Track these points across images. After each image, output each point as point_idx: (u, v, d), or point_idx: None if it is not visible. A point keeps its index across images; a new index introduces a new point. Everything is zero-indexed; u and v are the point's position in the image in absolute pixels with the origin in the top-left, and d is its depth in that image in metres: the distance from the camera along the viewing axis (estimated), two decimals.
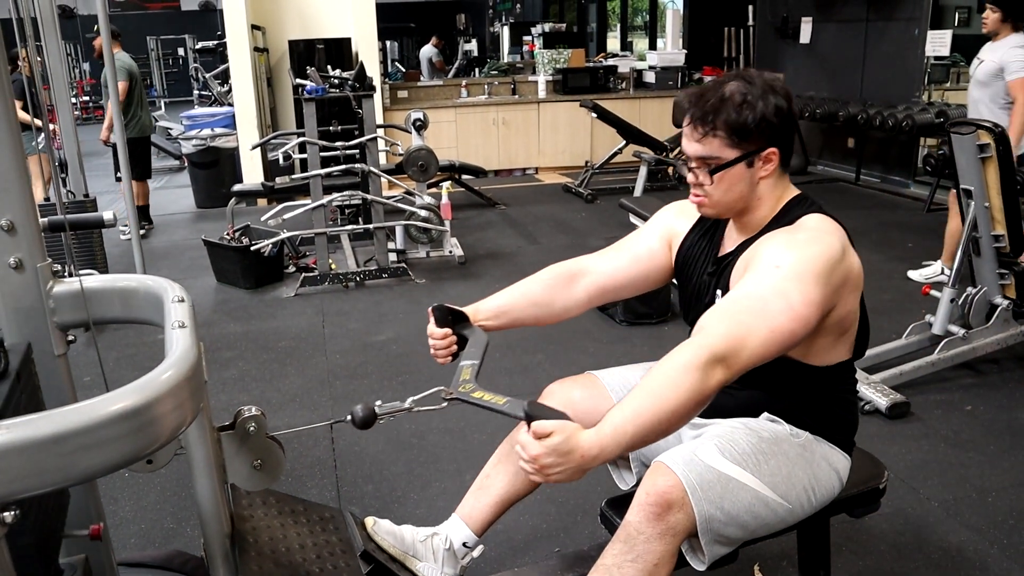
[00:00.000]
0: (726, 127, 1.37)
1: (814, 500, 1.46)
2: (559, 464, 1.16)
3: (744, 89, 1.38)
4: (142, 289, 1.20)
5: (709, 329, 1.26)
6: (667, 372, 1.20)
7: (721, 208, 1.47)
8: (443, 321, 1.57)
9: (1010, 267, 3.07)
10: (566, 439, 1.16)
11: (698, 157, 1.42)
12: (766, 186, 1.44)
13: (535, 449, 1.16)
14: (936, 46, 6.22)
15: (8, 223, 1.07)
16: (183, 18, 17.31)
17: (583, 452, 1.16)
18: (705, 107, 1.39)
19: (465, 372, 1.41)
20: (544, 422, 1.17)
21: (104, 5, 3.73)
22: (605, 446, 1.17)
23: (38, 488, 0.77)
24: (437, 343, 1.58)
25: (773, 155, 1.41)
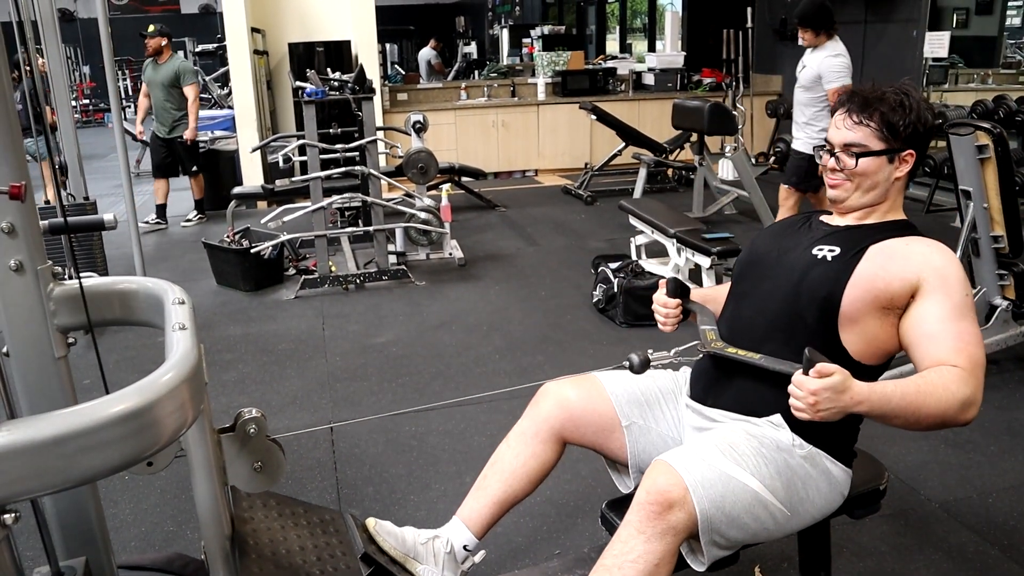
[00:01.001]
0: (881, 120, 1.51)
1: (813, 511, 1.46)
2: (832, 400, 1.27)
3: (902, 97, 1.52)
4: (142, 291, 1.20)
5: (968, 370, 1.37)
6: (940, 388, 1.33)
7: (854, 194, 1.56)
8: (675, 292, 1.69)
9: (1009, 268, 3.07)
10: (844, 379, 1.28)
11: (846, 143, 1.53)
12: (895, 189, 1.57)
13: (815, 385, 1.27)
14: (934, 47, 6.23)
15: (8, 225, 1.07)
16: (183, 21, 17.32)
17: (852, 395, 1.28)
18: (866, 100, 1.52)
19: (710, 334, 1.58)
20: (828, 364, 1.28)
21: (104, 8, 3.74)
22: (872, 401, 1.30)
23: (39, 490, 0.78)
24: (670, 311, 1.69)
25: (910, 157, 1.54)
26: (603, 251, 4.84)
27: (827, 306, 1.47)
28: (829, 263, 1.51)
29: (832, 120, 1.59)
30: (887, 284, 1.44)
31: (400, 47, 13.13)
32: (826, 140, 1.59)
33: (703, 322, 1.63)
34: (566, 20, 14.02)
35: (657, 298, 1.71)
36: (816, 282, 1.49)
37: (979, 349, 1.40)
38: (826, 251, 1.53)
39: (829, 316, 1.47)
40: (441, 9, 16.79)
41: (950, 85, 6.88)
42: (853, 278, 1.46)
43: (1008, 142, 2.96)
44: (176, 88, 6.06)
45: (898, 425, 1.37)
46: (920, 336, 1.43)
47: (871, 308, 1.46)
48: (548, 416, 1.69)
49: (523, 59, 9.96)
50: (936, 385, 1.33)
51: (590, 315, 3.99)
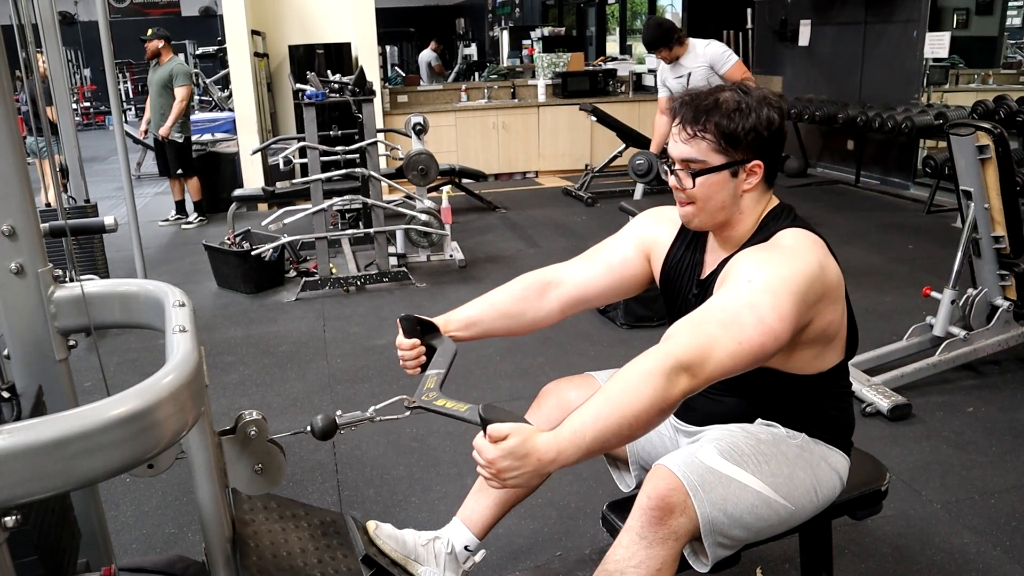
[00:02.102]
0: (716, 131, 1.36)
1: (816, 500, 1.46)
2: (515, 467, 1.15)
3: (739, 97, 1.37)
4: (143, 294, 1.20)
5: (676, 337, 1.24)
6: (630, 378, 1.18)
7: (703, 216, 1.43)
8: (411, 332, 1.56)
9: (1010, 268, 3.07)
10: (522, 442, 1.14)
11: (683, 159, 1.40)
12: (749, 200, 1.42)
13: (491, 453, 1.15)
14: (935, 48, 6.23)
15: (9, 228, 1.07)
16: (183, 23, 17.33)
17: (539, 455, 1.15)
18: (697, 108, 1.37)
19: (430, 381, 1.39)
20: (500, 425, 1.15)
21: (105, 11, 3.74)
22: (563, 450, 1.15)
23: (39, 493, 0.77)
24: (405, 354, 1.57)
25: (758, 168, 1.39)
26: None
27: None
28: None
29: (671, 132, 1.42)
30: None
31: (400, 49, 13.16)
32: (668, 154, 1.43)
33: (435, 365, 1.46)
34: (566, 22, 14.02)
35: (397, 341, 1.58)
36: None
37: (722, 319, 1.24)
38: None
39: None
40: (441, 11, 16.81)
41: (950, 85, 6.88)
42: None
43: (1009, 142, 2.96)
44: (169, 89, 6.13)
45: (616, 443, 1.20)
46: None
47: None
48: (550, 417, 1.69)
49: (523, 61, 9.97)
50: (627, 378, 1.18)
51: (591, 317, 3.99)
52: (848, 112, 6.60)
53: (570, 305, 1.64)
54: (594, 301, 1.68)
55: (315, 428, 1.32)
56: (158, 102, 6.19)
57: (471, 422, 1.21)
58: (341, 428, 1.34)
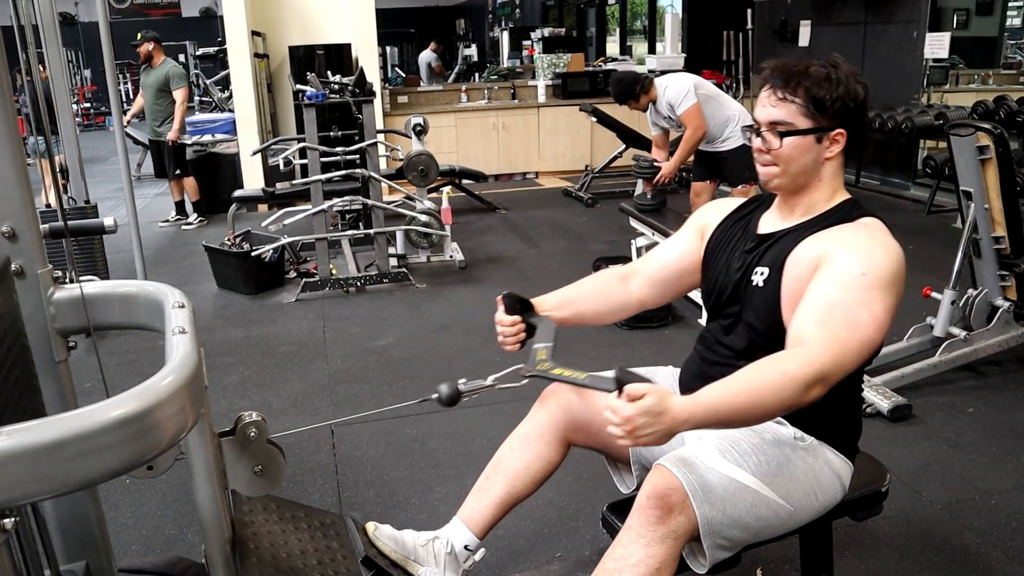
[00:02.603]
0: (806, 96, 1.41)
1: (816, 504, 1.45)
2: (650, 425, 1.18)
3: (829, 69, 1.42)
4: (142, 295, 1.20)
5: (813, 344, 1.28)
6: (773, 374, 1.24)
7: (785, 177, 1.47)
8: (512, 308, 1.59)
9: (1011, 268, 3.07)
10: (659, 400, 1.18)
11: (771, 121, 1.45)
12: (828, 169, 1.47)
13: (628, 410, 1.18)
14: (935, 48, 6.23)
15: (9, 229, 1.07)
16: (184, 24, 17.34)
17: (674, 415, 1.19)
18: (789, 74, 1.43)
19: (541, 353, 1.45)
20: (638, 385, 1.19)
21: (105, 12, 3.74)
22: (695, 414, 1.21)
23: (38, 495, 0.77)
24: (506, 330, 1.60)
25: (841, 136, 1.44)
26: (604, 253, 4.83)
27: (777, 329, 1.43)
28: (763, 288, 1.46)
29: (758, 97, 1.49)
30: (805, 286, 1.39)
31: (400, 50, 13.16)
32: (753, 119, 1.50)
33: (540, 339, 1.51)
34: (566, 22, 14.03)
35: (496, 316, 1.61)
36: (760, 311, 1.46)
37: (845, 323, 1.29)
38: (759, 276, 1.48)
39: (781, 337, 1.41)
40: (441, 12, 16.82)
41: (951, 86, 6.88)
42: (783, 298, 1.42)
43: (1009, 142, 2.95)
44: (165, 91, 6.17)
45: (738, 425, 1.32)
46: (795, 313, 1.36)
47: None
48: (552, 418, 1.69)
49: (523, 61, 9.97)
50: (772, 373, 1.24)
51: None
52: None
53: (647, 292, 1.72)
54: (667, 288, 1.73)
55: (442, 396, 1.40)
56: (154, 104, 6.20)
57: (600, 388, 1.25)
58: (464, 395, 1.41)
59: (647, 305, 1.74)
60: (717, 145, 4.38)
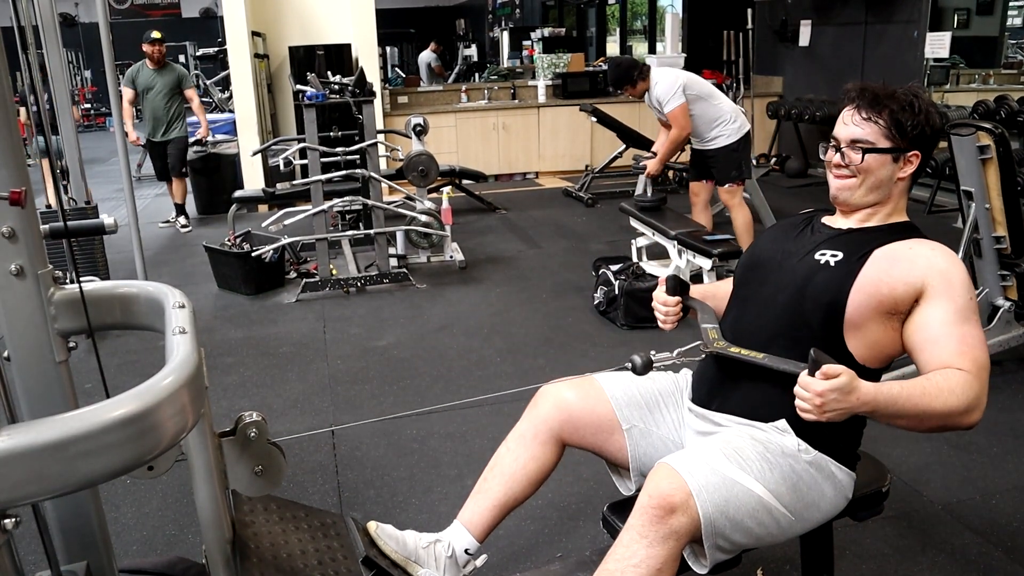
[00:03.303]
0: (890, 118, 1.50)
1: (818, 515, 1.46)
2: (839, 401, 1.27)
3: (912, 98, 1.52)
4: (143, 295, 1.20)
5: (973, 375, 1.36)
6: (954, 389, 1.33)
7: (861, 191, 1.54)
8: (675, 290, 1.68)
9: (1011, 268, 3.07)
10: (851, 380, 1.27)
11: (854, 139, 1.52)
12: (899, 188, 1.55)
13: (821, 386, 1.27)
14: (935, 48, 6.22)
15: (9, 230, 1.07)
16: (184, 25, 17.34)
17: (860, 395, 1.28)
18: (876, 96, 1.52)
19: (711, 332, 1.55)
20: (834, 365, 1.27)
21: (105, 13, 3.74)
22: (878, 401, 1.30)
23: (39, 495, 0.77)
24: (669, 309, 1.68)
25: (915, 158, 1.53)
26: (604, 253, 4.84)
27: (831, 311, 1.46)
28: (832, 268, 1.50)
29: (840, 116, 1.57)
30: (891, 289, 1.44)
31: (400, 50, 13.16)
32: (832, 136, 1.57)
33: (704, 320, 1.61)
34: (566, 22, 14.03)
35: (657, 295, 1.70)
36: (820, 288, 1.49)
37: (983, 352, 1.40)
38: (829, 256, 1.52)
39: (833, 321, 1.46)
40: (441, 12, 16.82)
41: (951, 86, 6.87)
42: (857, 283, 1.46)
43: (1010, 142, 2.95)
44: (177, 93, 6.16)
45: (901, 426, 1.37)
46: (924, 340, 1.42)
47: (875, 313, 1.45)
48: (547, 418, 1.69)
49: (523, 61, 9.98)
50: (941, 388, 1.33)
51: (591, 317, 3.99)
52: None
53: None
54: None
55: (635, 365, 1.51)
56: (165, 105, 6.18)
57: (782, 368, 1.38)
58: (655, 365, 1.53)
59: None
60: (706, 144, 4.43)
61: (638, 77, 4.33)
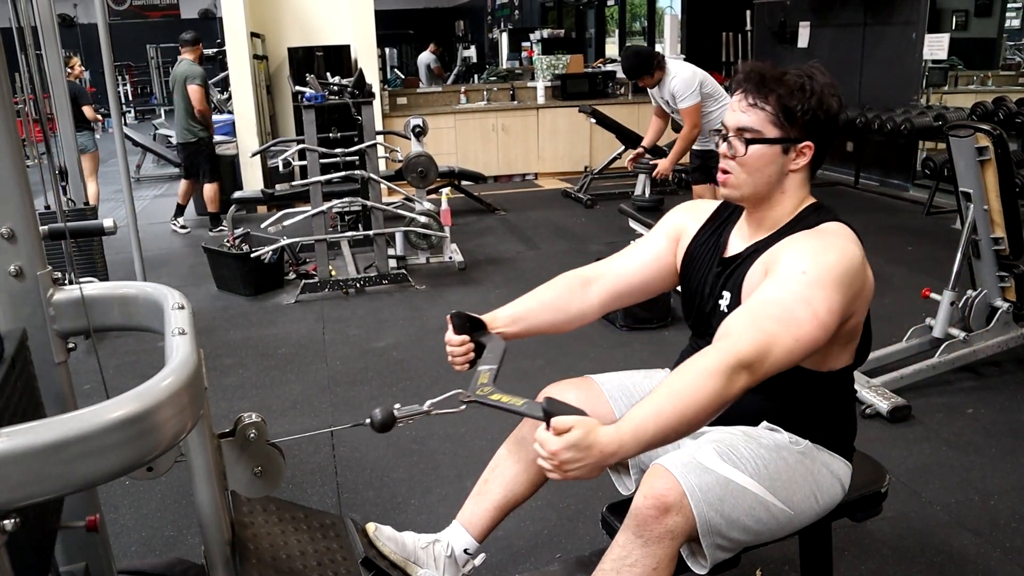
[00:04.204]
0: (777, 104, 1.38)
1: (816, 507, 1.46)
2: (578, 459, 1.16)
3: (803, 79, 1.39)
4: (142, 296, 1.20)
5: (735, 335, 1.25)
6: (692, 375, 1.21)
7: (745, 188, 1.45)
8: (461, 328, 1.56)
9: (1010, 270, 3.07)
10: (586, 434, 1.16)
11: (739, 127, 1.42)
12: (793, 182, 1.44)
13: (555, 444, 1.16)
14: (934, 49, 6.23)
15: (8, 231, 1.07)
16: (183, 26, 17.31)
17: (602, 448, 1.16)
18: (762, 80, 1.39)
19: (483, 376, 1.41)
20: (564, 417, 1.16)
21: (104, 13, 3.74)
22: (624, 443, 1.17)
23: (38, 496, 0.77)
24: (455, 350, 1.57)
25: (808, 149, 1.42)
26: (603, 254, 4.80)
27: None
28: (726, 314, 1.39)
29: (731, 101, 1.46)
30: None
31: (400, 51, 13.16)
32: (722, 123, 1.46)
33: (485, 361, 1.47)
34: (565, 24, 14.03)
35: (446, 337, 1.57)
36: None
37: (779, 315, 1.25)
38: (723, 302, 1.48)
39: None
40: (440, 13, 16.83)
41: (950, 87, 6.88)
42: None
43: (1008, 144, 2.96)
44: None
45: (675, 438, 1.22)
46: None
47: None
48: None
49: (522, 63, 9.98)
50: (689, 374, 1.21)
51: None
52: (847, 113, 6.59)
53: (610, 299, 1.67)
54: (633, 295, 1.70)
55: (375, 421, 1.34)
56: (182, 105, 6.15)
57: (532, 416, 1.22)
58: (399, 421, 1.36)
59: (609, 311, 1.71)
60: (708, 143, 4.42)
61: (656, 67, 4.30)
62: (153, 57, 16.46)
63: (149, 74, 16.69)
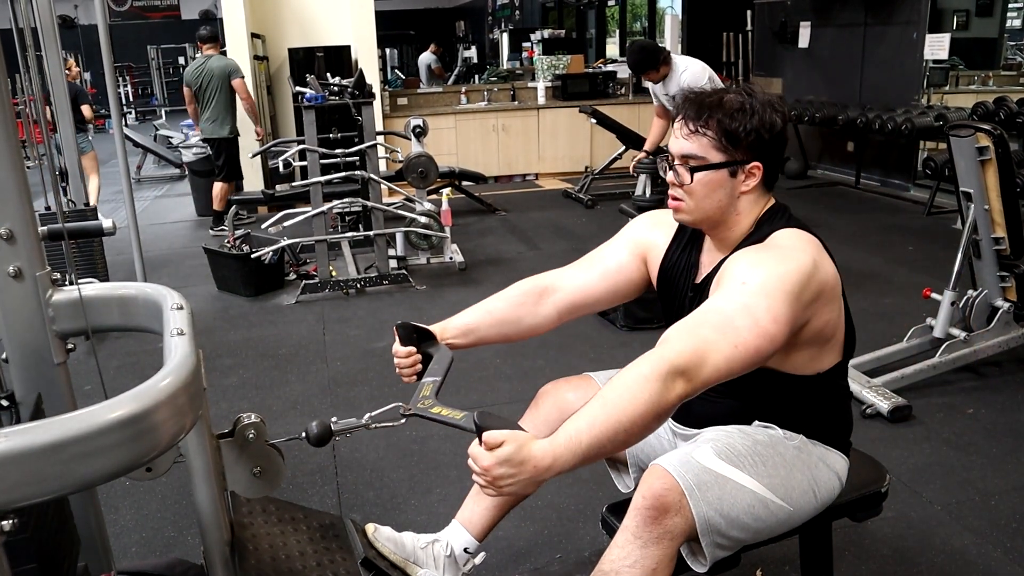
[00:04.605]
0: (718, 128, 1.36)
1: (815, 501, 1.45)
2: (511, 475, 1.13)
3: (743, 98, 1.37)
4: (141, 297, 1.20)
5: (671, 342, 1.24)
6: (625, 383, 1.18)
7: (697, 215, 1.43)
8: (407, 339, 1.55)
9: (1011, 269, 3.07)
10: (518, 449, 1.13)
11: (683, 155, 1.39)
12: (746, 202, 1.42)
13: (486, 460, 1.13)
14: (935, 49, 6.23)
15: (7, 231, 1.07)
16: (183, 27, 17.34)
17: (535, 463, 1.13)
18: (701, 105, 1.37)
19: (426, 388, 1.39)
20: (495, 432, 1.14)
21: (104, 14, 3.75)
22: (559, 456, 1.14)
23: (37, 496, 0.77)
24: (401, 361, 1.55)
25: (756, 170, 1.39)
26: None
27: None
28: None
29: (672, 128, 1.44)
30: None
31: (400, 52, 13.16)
32: (667, 150, 1.44)
33: (430, 373, 1.45)
34: (566, 24, 14.03)
35: (393, 348, 1.56)
36: None
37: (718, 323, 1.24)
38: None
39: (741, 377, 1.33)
40: (441, 14, 16.84)
41: (950, 87, 6.88)
42: None
43: (1008, 143, 2.95)
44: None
45: (613, 449, 1.19)
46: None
47: None
48: (547, 418, 1.69)
49: (523, 63, 9.98)
50: (624, 382, 1.18)
51: (590, 319, 3.98)
52: (848, 114, 6.60)
53: (567, 311, 1.64)
54: (592, 306, 1.67)
55: (310, 435, 1.31)
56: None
57: (466, 429, 1.20)
58: (336, 435, 1.33)
59: (565, 322, 1.67)
60: None
61: (662, 62, 4.25)
62: (154, 58, 16.48)
63: (150, 75, 16.71)
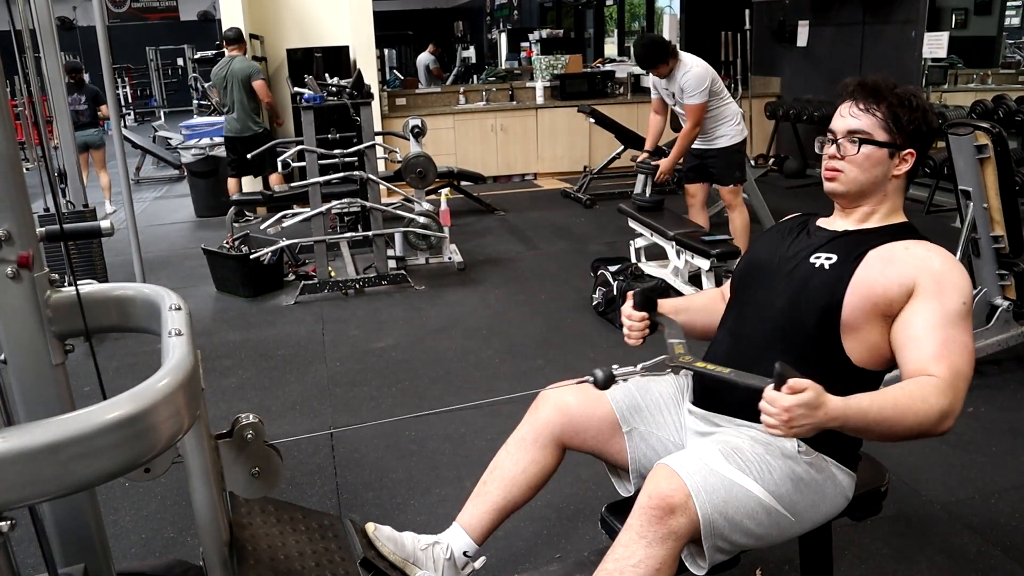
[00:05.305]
0: (888, 111, 1.50)
1: (818, 516, 1.46)
2: (806, 416, 1.23)
3: (911, 94, 1.53)
4: (139, 298, 1.20)
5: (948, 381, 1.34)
6: (927, 399, 1.31)
7: (852, 186, 1.53)
8: (642, 305, 1.64)
9: (1010, 268, 3.07)
10: (818, 395, 1.23)
11: (850, 130, 1.52)
12: (893, 186, 1.55)
13: (788, 401, 1.22)
14: (933, 48, 6.23)
15: (5, 232, 1.07)
16: (182, 28, 17.36)
17: (827, 410, 1.24)
18: (876, 88, 1.52)
19: (678, 347, 1.51)
20: (801, 379, 1.23)
21: (102, 16, 3.74)
22: (848, 416, 1.26)
23: (35, 497, 0.77)
24: (635, 324, 1.64)
25: (911, 156, 1.53)
26: (603, 254, 4.83)
27: (827, 315, 1.46)
28: (828, 272, 1.49)
29: (837, 109, 1.57)
30: (885, 290, 1.43)
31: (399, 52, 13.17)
32: (828, 130, 1.57)
33: (671, 335, 1.57)
34: (564, 24, 14.04)
35: (624, 310, 1.67)
36: (815, 292, 1.48)
37: (965, 360, 1.37)
38: (824, 259, 1.51)
39: (830, 324, 1.45)
40: (439, 14, 16.83)
41: (949, 85, 6.88)
42: (851, 286, 1.45)
43: (1007, 142, 2.95)
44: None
45: (874, 438, 1.36)
46: (906, 338, 1.41)
47: (871, 315, 1.44)
48: (548, 422, 1.69)
49: (521, 63, 9.97)
50: (914, 398, 1.31)
51: (590, 318, 3.99)
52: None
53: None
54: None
55: (597, 379, 1.45)
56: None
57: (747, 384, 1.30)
58: (616, 379, 1.47)
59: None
60: (709, 142, 4.40)
61: (671, 55, 4.27)
62: (152, 59, 16.46)
63: (148, 76, 16.69)
